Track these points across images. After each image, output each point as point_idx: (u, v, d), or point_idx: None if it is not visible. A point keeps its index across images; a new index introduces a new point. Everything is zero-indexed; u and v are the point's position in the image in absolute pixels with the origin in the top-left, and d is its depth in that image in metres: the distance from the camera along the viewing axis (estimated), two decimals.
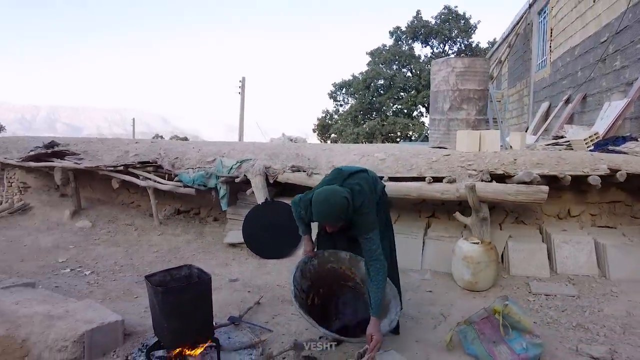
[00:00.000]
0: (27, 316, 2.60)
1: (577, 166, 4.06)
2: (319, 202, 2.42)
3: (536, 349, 2.53)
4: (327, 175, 2.84)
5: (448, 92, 4.99)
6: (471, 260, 3.74)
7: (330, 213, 2.40)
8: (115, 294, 3.66)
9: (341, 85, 27.96)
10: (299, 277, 2.53)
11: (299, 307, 2.35)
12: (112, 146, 6.30)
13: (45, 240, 5.03)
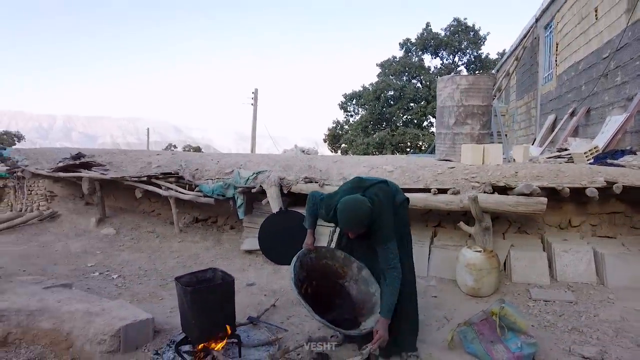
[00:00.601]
0: (69, 312, 2.90)
1: (575, 179, 4.27)
2: (346, 210, 2.62)
3: (530, 348, 2.75)
4: (348, 183, 3.05)
5: (453, 107, 5.25)
6: (474, 267, 3.96)
7: (354, 221, 2.61)
8: (142, 296, 3.95)
9: (351, 96, 28.34)
10: (298, 266, 2.78)
11: (298, 294, 2.59)
12: (135, 158, 6.67)
13: (74, 246, 5.38)
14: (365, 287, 2.97)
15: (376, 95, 25.60)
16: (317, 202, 3.02)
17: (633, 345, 2.99)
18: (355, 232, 2.72)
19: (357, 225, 2.63)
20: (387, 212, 2.78)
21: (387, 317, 2.70)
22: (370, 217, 2.62)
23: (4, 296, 3.03)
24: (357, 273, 3.01)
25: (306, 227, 3.11)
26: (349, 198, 2.69)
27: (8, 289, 3.20)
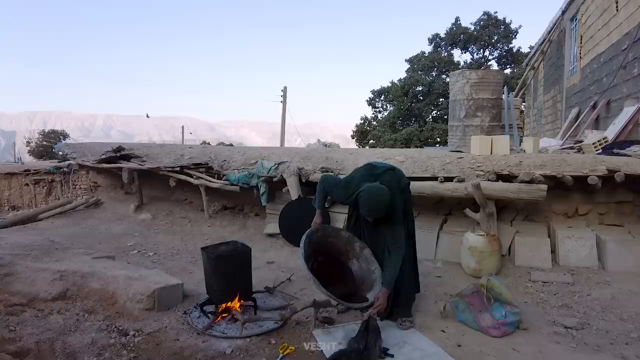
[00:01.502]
0: (113, 276, 3.42)
1: (578, 167, 4.45)
2: (372, 199, 2.90)
3: (514, 316, 3.03)
4: (361, 168, 3.33)
5: (464, 101, 5.48)
6: (475, 250, 4.24)
7: (378, 209, 2.92)
8: (174, 270, 4.47)
9: (380, 92, 28.42)
10: (307, 244, 3.11)
11: (307, 269, 2.97)
12: (170, 150, 7.27)
13: (115, 229, 6.02)
14: (365, 265, 3.32)
15: (404, 91, 25.59)
16: (331, 186, 3.31)
17: (616, 319, 3.21)
18: (374, 217, 3.02)
19: (380, 212, 2.95)
20: (397, 197, 3.11)
21: (388, 287, 3.04)
22: (390, 204, 2.93)
23: (63, 262, 3.60)
24: (359, 252, 3.34)
25: (316, 207, 3.42)
26: (373, 188, 2.95)
27: (65, 258, 3.77)
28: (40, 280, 3.20)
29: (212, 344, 2.88)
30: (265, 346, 2.87)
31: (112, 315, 3.11)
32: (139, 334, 2.94)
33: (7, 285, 3.12)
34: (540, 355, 2.70)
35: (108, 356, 2.64)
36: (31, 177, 10.99)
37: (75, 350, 2.64)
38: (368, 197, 2.93)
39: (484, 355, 2.69)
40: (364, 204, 2.95)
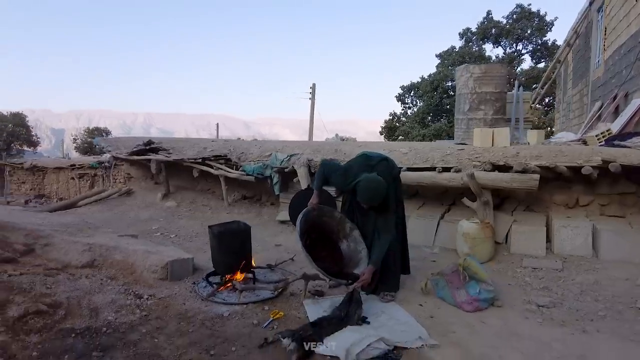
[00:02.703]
0: (133, 250, 3.91)
1: (573, 158, 4.55)
2: (370, 189, 3.19)
3: (488, 293, 3.26)
4: (358, 158, 3.58)
5: (468, 95, 5.64)
6: (468, 237, 4.45)
7: (375, 198, 3.21)
8: (191, 249, 4.94)
9: (409, 88, 28.28)
10: (303, 222, 3.46)
11: (302, 245, 3.32)
12: (194, 144, 7.82)
13: (143, 215, 6.61)
14: (354, 245, 3.63)
15: (434, 86, 25.36)
16: (330, 171, 3.56)
17: (590, 300, 3.37)
18: (370, 205, 3.30)
19: (376, 200, 3.25)
20: (391, 186, 3.42)
21: (374, 265, 3.35)
22: (385, 194, 3.23)
23: (93, 238, 4.13)
24: (349, 232, 3.66)
25: (314, 188, 3.70)
26: (371, 178, 3.24)
27: (95, 234, 4.32)
28: (72, 251, 3.73)
29: (213, 308, 3.30)
30: (259, 311, 3.25)
31: (130, 282, 3.59)
32: (152, 298, 3.40)
33: (46, 253, 3.67)
34: (504, 327, 2.93)
35: (124, 313, 3.11)
36: (76, 172, 11.99)
37: (97, 306, 3.12)
38: (367, 187, 3.22)
39: (451, 324, 2.96)
40: (362, 193, 3.25)
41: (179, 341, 2.76)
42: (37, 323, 2.80)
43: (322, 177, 3.58)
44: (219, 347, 2.70)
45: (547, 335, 2.80)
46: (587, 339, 2.73)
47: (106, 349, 2.64)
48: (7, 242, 3.50)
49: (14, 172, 14.72)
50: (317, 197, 3.63)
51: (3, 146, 32.04)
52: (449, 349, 2.61)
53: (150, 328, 2.93)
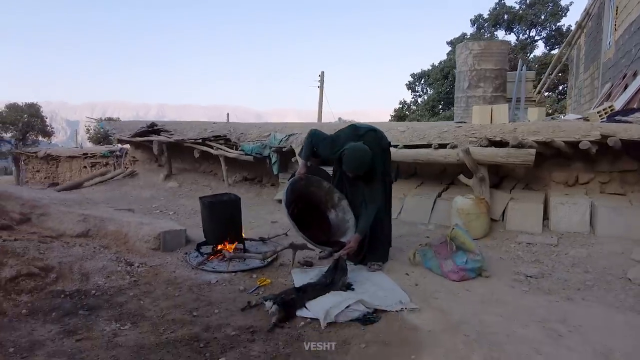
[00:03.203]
0: (127, 222, 3.98)
1: (571, 133, 4.46)
2: (355, 157, 3.19)
3: (475, 263, 3.24)
4: (345, 129, 3.57)
5: (467, 72, 5.55)
6: (462, 212, 4.41)
7: (360, 166, 3.22)
8: (188, 224, 4.95)
9: (420, 76, 27.99)
10: (290, 192, 3.47)
11: (287, 214, 3.34)
12: (195, 126, 7.89)
13: (145, 194, 6.71)
14: (342, 215, 3.64)
15: (444, 74, 25.05)
16: (318, 140, 3.55)
17: (580, 272, 3.33)
18: (356, 174, 3.31)
19: (360, 169, 3.25)
20: (378, 157, 3.41)
21: (361, 234, 3.37)
22: (371, 163, 3.23)
23: (89, 210, 4.21)
24: (337, 202, 3.67)
25: (301, 158, 3.70)
26: (357, 147, 3.24)
27: (92, 208, 4.40)
28: (67, 221, 3.81)
29: (202, 275, 3.35)
30: (247, 279, 3.29)
31: (123, 251, 3.66)
32: (143, 266, 3.46)
33: (42, 222, 3.76)
34: (488, 295, 2.91)
35: (114, 278, 3.18)
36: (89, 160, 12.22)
37: (88, 271, 3.19)
38: (352, 155, 3.23)
39: (434, 292, 2.95)
40: (347, 161, 3.25)
41: (164, 304, 2.82)
42: (28, 284, 2.88)
43: (310, 146, 3.59)
44: (203, 309, 2.74)
45: (531, 302, 2.78)
46: (571, 306, 2.71)
47: (93, 308, 2.70)
48: (4, 211, 3.60)
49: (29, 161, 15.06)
50: (305, 167, 3.62)
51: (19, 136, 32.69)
52: (428, 313, 2.61)
53: (138, 292, 2.99)
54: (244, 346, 2.26)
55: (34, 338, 2.31)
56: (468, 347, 2.18)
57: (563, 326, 2.40)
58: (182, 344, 2.24)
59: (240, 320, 2.59)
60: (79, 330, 2.42)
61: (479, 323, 2.46)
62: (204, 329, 2.46)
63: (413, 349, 2.16)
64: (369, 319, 2.51)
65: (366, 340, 2.28)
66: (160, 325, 2.50)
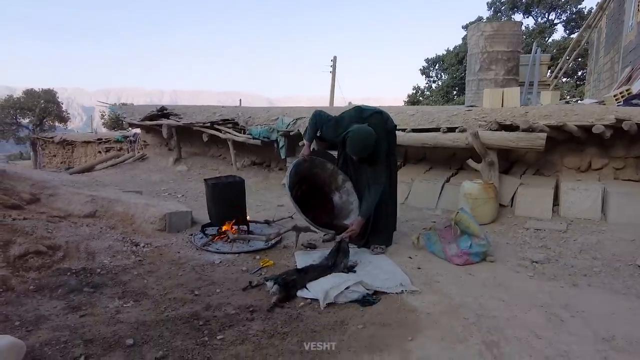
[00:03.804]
0: (134, 203, 4.03)
1: (585, 117, 4.33)
2: (359, 140, 3.14)
3: (480, 247, 3.20)
4: (351, 110, 3.50)
5: (478, 54, 5.40)
6: (470, 197, 4.35)
7: (364, 149, 3.18)
8: (195, 207, 4.99)
9: (434, 61, 27.47)
10: (293, 173, 3.45)
11: (291, 197, 3.33)
12: (204, 110, 7.89)
13: (154, 177, 6.78)
14: (345, 197, 3.62)
15: (458, 59, 24.52)
16: (322, 121, 3.49)
17: (588, 258, 3.26)
18: (359, 157, 3.27)
19: (364, 151, 3.20)
20: (382, 139, 3.35)
21: (363, 217, 3.35)
22: (375, 146, 3.19)
23: (97, 192, 4.27)
24: (342, 184, 3.65)
25: (305, 139, 3.65)
26: (361, 129, 3.19)
27: (101, 189, 4.47)
28: (75, 201, 3.87)
29: (206, 256, 3.38)
30: (250, 260, 3.32)
31: (129, 232, 3.71)
32: (148, 246, 3.51)
33: (51, 202, 3.83)
34: (491, 279, 2.88)
35: (119, 257, 3.23)
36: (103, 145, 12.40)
37: (95, 251, 3.25)
38: (355, 137, 3.18)
39: (436, 276, 2.93)
40: (351, 143, 3.20)
41: (167, 283, 2.86)
42: (36, 262, 2.94)
43: (314, 128, 3.54)
44: (204, 288, 2.77)
45: (535, 287, 2.74)
46: (575, 292, 2.66)
47: (97, 286, 2.76)
48: (14, 191, 3.67)
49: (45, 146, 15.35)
50: (308, 148, 3.59)
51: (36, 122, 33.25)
52: (429, 296, 2.59)
53: (142, 271, 3.04)
54: (243, 324, 2.27)
55: (40, 313, 2.36)
56: (466, 329, 2.16)
57: (565, 311, 2.36)
58: (181, 322, 2.27)
59: (241, 299, 2.61)
60: (83, 306, 2.47)
61: (479, 307, 2.44)
62: (205, 307, 2.48)
63: (410, 330, 2.15)
64: (368, 301, 2.51)
65: (364, 321, 2.28)
66: (162, 303, 2.53)
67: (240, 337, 2.13)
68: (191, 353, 1.94)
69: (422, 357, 1.92)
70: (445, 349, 2.00)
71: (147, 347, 1.99)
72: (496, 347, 2.01)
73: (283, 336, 2.15)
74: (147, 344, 2.03)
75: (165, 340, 2.05)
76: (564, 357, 1.93)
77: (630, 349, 1.99)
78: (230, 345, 2.05)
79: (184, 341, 2.05)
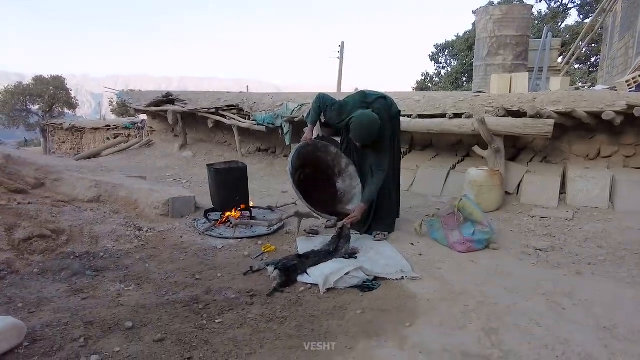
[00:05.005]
0: (138, 188, 4.04)
1: (594, 103, 4.23)
2: (363, 125, 3.08)
3: (483, 235, 3.17)
4: (355, 95, 3.43)
5: (486, 39, 5.28)
6: (475, 184, 4.30)
7: (368, 135, 3.12)
8: (199, 192, 5.01)
9: (443, 47, 27.01)
10: (295, 158, 3.40)
11: (292, 183, 3.30)
12: (210, 96, 7.87)
13: (159, 163, 6.80)
14: (349, 181, 3.59)
15: (468, 45, 24.05)
16: (326, 105, 3.42)
17: (593, 246, 3.22)
18: (363, 143, 3.21)
19: (368, 138, 3.15)
20: (386, 124, 3.30)
21: (366, 203, 3.32)
22: (379, 132, 3.13)
23: (102, 177, 4.29)
24: (345, 168, 3.61)
25: (308, 122, 3.59)
26: (365, 115, 3.12)
27: (105, 175, 4.49)
28: (80, 186, 3.90)
29: (208, 241, 3.40)
30: (252, 245, 3.32)
31: (133, 217, 3.73)
32: (151, 230, 3.53)
33: (56, 187, 3.86)
34: (494, 267, 2.85)
35: (122, 242, 3.26)
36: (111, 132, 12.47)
37: (98, 235, 3.28)
38: (359, 123, 3.12)
39: (438, 262, 2.91)
40: (355, 129, 3.14)
41: (168, 267, 2.87)
42: (40, 245, 2.98)
43: (318, 111, 3.47)
44: (206, 273, 2.79)
45: (538, 274, 2.71)
46: (579, 280, 2.62)
47: (100, 269, 2.78)
48: (19, 175, 3.70)
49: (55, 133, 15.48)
50: (311, 132, 3.54)
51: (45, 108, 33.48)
52: (429, 282, 2.58)
53: (145, 255, 3.06)
54: (242, 309, 2.28)
55: (43, 295, 2.39)
56: (466, 316, 2.15)
57: (568, 300, 2.34)
58: (181, 305, 2.29)
59: (242, 284, 2.62)
60: (85, 289, 2.50)
61: (480, 294, 2.42)
62: (205, 291, 2.50)
63: (409, 316, 2.14)
64: (368, 286, 2.50)
65: (363, 306, 2.27)
66: (163, 287, 2.55)
67: (238, 321, 2.14)
68: (189, 336, 1.96)
69: (419, 343, 1.92)
70: (443, 335, 1.99)
71: (145, 329, 2.01)
72: (495, 334, 1.99)
73: (282, 320, 2.16)
74: (146, 326, 2.04)
75: (164, 323, 2.07)
76: (564, 345, 1.91)
77: (633, 338, 1.96)
78: (229, 328, 2.06)
79: (183, 324, 2.07)
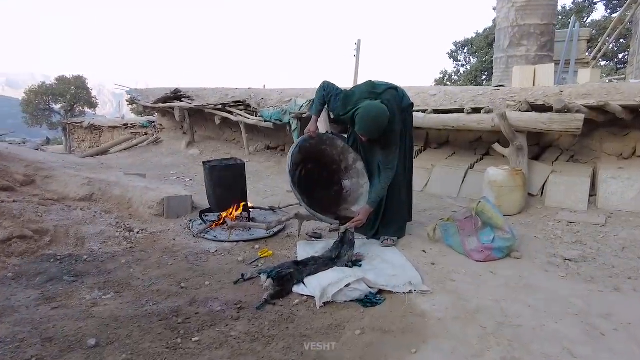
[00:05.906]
0: (133, 186, 3.83)
1: (630, 96, 3.82)
2: (369, 118, 2.76)
3: (504, 242, 2.82)
4: (362, 85, 3.10)
5: (508, 29, 4.88)
6: (495, 184, 3.93)
7: (375, 129, 2.80)
8: (202, 192, 4.80)
9: (463, 44, 26.38)
10: (296, 153, 3.07)
11: (290, 181, 3.01)
12: (217, 92, 7.66)
13: (165, 161, 6.62)
14: (356, 178, 3.28)
15: (488, 42, 23.38)
16: (330, 94, 3.08)
17: (633, 257, 2.83)
18: (370, 137, 2.88)
19: (375, 133, 2.83)
20: (397, 117, 2.97)
21: (372, 206, 3.02)
22: (387, 125, 2.80)
23: (97, 174, 4.10)
24: (352, 164, 3.30)
25: (312, 113, 3.23)
26: (372, 106, 2.80)
27: (102, 172, 4.29)
28: (72, 184, 3.70)
29: (201, 244, 3.14)
30: (249, 250, 3.06)
31: (125, 217, 3.51)
32: (143, 232, 3.30)
33: (46, 185, 3.67)
34: (516, 279, 2.51)
35: (110, 244, 3.04)
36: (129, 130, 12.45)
37: (85, 236, 3.06)
38: (366, 115, 2.79)
39: (452, 273, 2.58)
40: (361, 121, 2.81)
41: (154, 273, 2.63)
42: (20, 247, 2.77)
43: (322, 100, 3.13)
44: (193, 280, 2.53)
45: (568, 290, 2.35)
46: (618, 298, 2.26)
47: (80, 274, 2.56)
48: (7, 172, 3.52)
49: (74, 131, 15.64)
50: (315, 124, 3.17)
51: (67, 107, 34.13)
52: (441, 297, 2.25)
53: (131, 259, 2.83)
54: (226, 324, 2.01)
55: (10, 303, 2.17)
56: (483, 341, 1.82)
57: (606, 322, 1.99)
58: (158, 319, 2.03)
59: (231, 294, 2.36)
60: (58, 297, 2.27)
61: (500, 312, 2.09)
62: (189, 302, 2.24)
63: (415, 339, 1.83)
64: (371, 301, 2.20)
65: (363, 325, 1.97)
66: (144, 296, 2.31)
67: (219, 339, 1.87)
68: (157, 359, 1.69)
69: None
70: None
71: (110, 348, 1.76)
72: None
73: (268, 340, 1.88)
74: (112, 344, 1.79)
75: (132, 341, 1.81)
76: None
77: None
78: (205, 349, 1.79)
79: (153, 342, 1.81)
